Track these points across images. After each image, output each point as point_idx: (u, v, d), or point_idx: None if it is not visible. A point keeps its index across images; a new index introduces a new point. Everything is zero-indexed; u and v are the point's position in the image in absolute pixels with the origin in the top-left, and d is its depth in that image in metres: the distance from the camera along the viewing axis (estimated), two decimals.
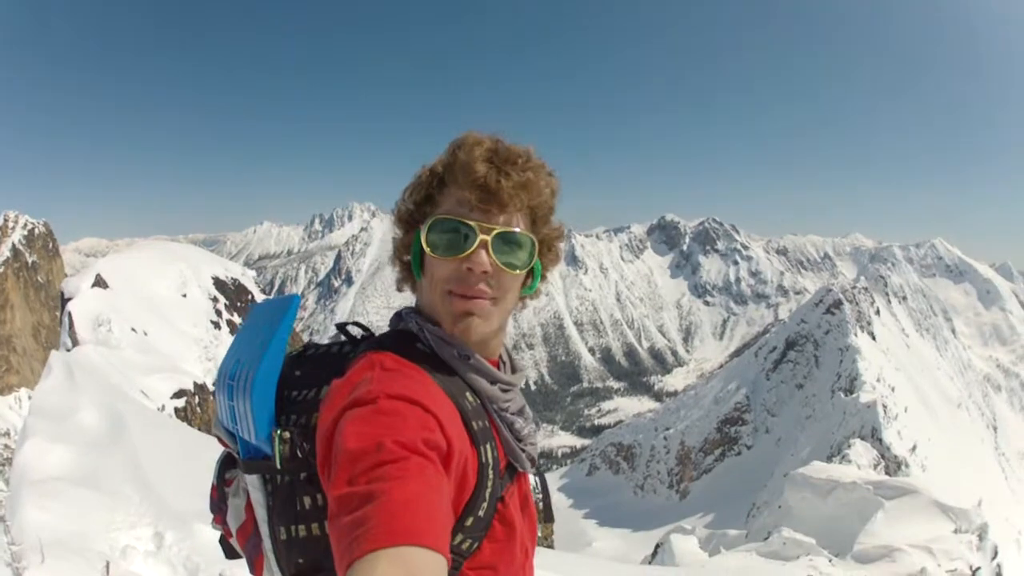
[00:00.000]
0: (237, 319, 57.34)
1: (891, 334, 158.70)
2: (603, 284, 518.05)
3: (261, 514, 2.06)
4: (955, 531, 25.73)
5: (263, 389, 2.05)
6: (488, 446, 1.95)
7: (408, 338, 2.10)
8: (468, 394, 2.01)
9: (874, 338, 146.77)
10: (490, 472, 1.92)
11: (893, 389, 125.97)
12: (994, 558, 25.29)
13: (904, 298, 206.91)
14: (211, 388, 52.97)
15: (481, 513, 1.89)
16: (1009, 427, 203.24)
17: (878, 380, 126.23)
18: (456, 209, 2.05)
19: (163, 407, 35.06)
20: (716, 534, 37.55)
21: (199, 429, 27.97)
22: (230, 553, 2.43)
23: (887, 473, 73.22)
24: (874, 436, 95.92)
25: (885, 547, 23.55)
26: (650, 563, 34.59)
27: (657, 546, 36.28)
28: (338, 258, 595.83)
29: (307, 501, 1.92)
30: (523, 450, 2.13)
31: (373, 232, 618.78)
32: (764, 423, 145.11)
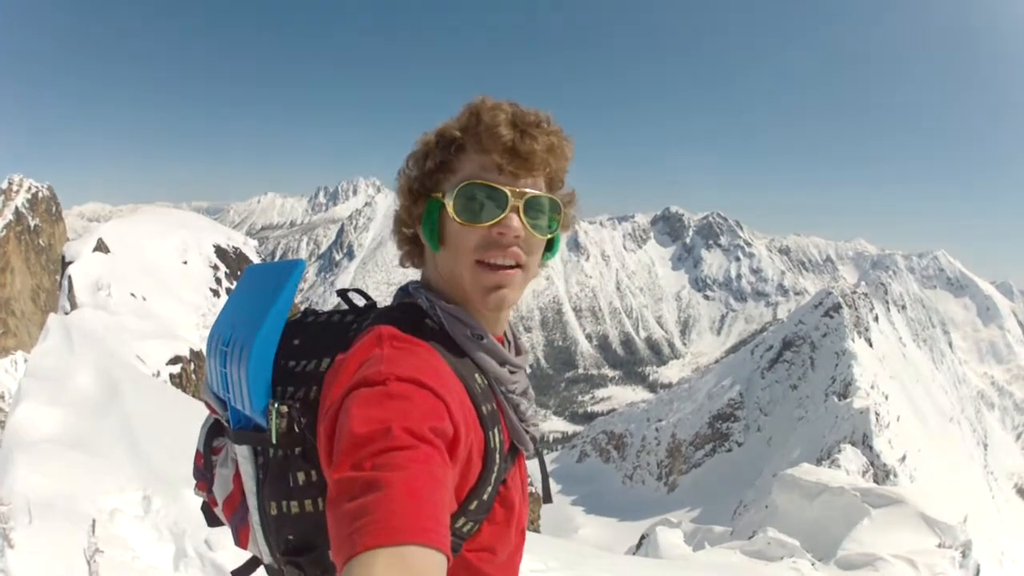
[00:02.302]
0: None
1: (888, 342, 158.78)
2: (604, 272, 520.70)
3: (250, 486, 1.99)
4: (939, 545, 25.68)
5: (260, 359, 1.97)
6: (496, 430, 1.91)
7: (416, 313, 2.03)
8: (477, 375, 1.96)
9: (871, 344, 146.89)
10: (496, 456, 1.88)
11: (887, 397, 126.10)
12: (977, 575, 25.36)
13: (903, 307, 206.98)
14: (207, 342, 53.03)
15: (485, 497, 1.86)
16: (999, 446, 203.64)
17: (872, 387, 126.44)
18: (482, 174, 1.97)
19: (158, 373, 35.12)
20: (701, 529, 37.63)
21: (193, 395, 28.00)
22: (212, 521, 2.38)
23: (875, 481, 73.33)
24: (865, 443, 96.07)
25: (868, 555, 23.53)
26: (634, 553, 34.66)
27: (642, 537, 36.34)
28: (341, 231, 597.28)
29: (300, 477, 1.85)
30: (527, 431, 2.09)
31: (377, 207, 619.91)
32: (756, 421, 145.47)
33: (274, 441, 1.84)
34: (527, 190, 1.98)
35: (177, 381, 37.05)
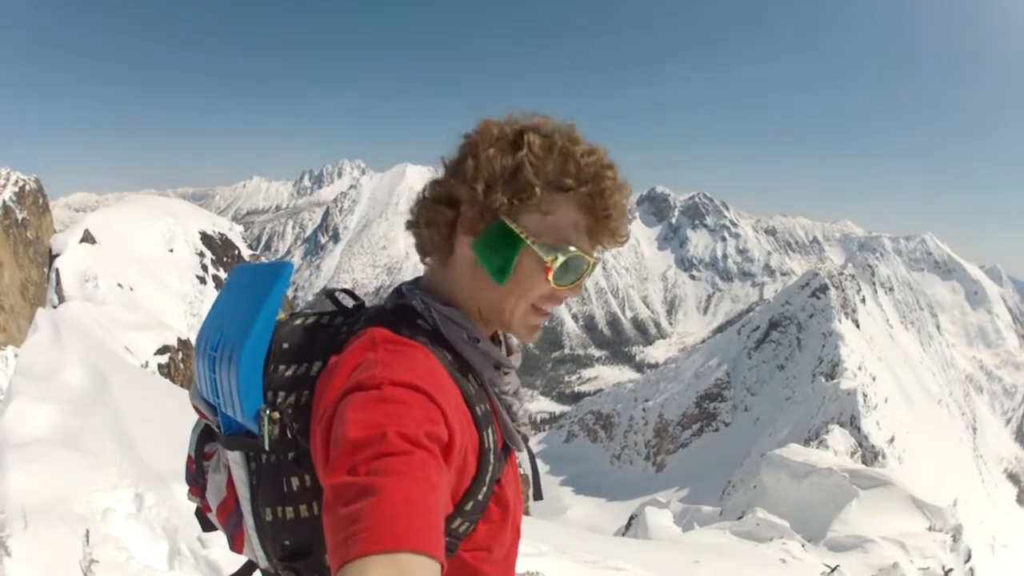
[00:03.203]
0: (223, 274, 57.14)
1: (875, 323, 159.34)
2: None
3: (243, 492, 1.96)
4: (929, 529, 25.80)
5: (250, 365, 1.93)
6: (490, 430, 1.90)
7: (410, 314, 2.00)
8: (470, 376, 1.96)
9: (858, 326, 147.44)
10: (491, 456, 1.88)
11: (874, 378, 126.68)
12: (967, 561, 25.45)
13: (891, 289, 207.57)
14: (194, 344, 52.99)
15: (480, 497, 1.85)
16: (988, 430, 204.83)
17: (860, 368, 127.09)
18: (578, 240, 1.93)
19: (147, 363, 35.18)
20: (690, 509, 37.69)
21: (182, 386, 28.01)
22: (206, 526, 2.34)
23: (864, 462, 73.54)
24: (852, 424, 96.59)
25: (858, 537, 23.63)
26: (624, 534, 34.76)
27: (631, 518, 36.50)
28: (326, 214, 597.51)
29: (295, 482, 1.82)
30: (518, 431, 2.07)
31: (362, 190, 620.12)
32: (743, 401, 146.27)
33: (267, 447, 1.83)
34: (598, 257, 2.00)
35: (165, 371, 37.06)
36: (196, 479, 2.25)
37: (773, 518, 26.09)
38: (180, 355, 40.40)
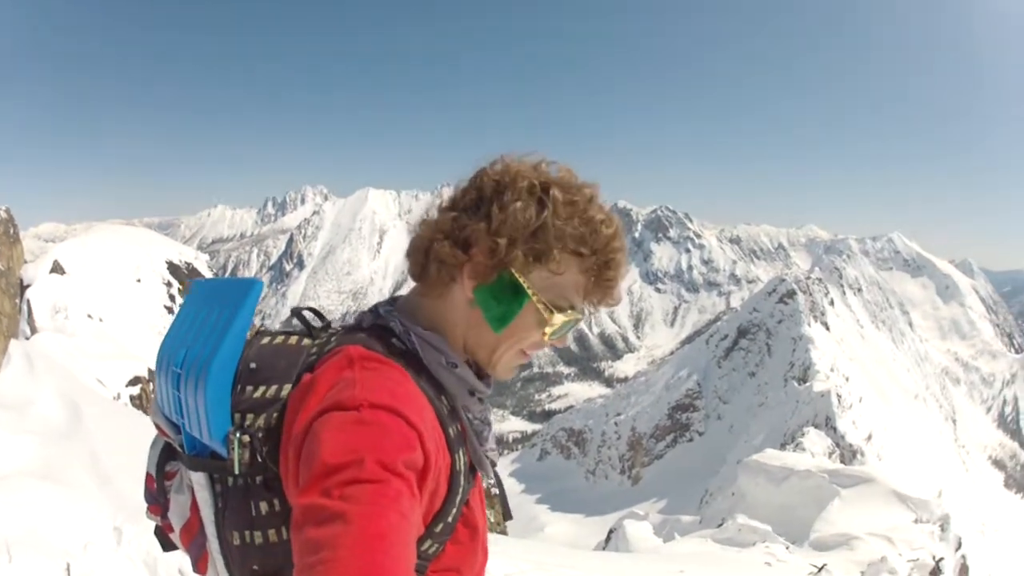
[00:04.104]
0: None
1: (845, 325, 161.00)
2: None
3: (208, 515, 1.90)
4: (915, 521, 25.83)
5: (219, 386, 1.87)
6: (461, 451, 1.89)
7: (385, 334, 1.97)
8: (443, 396, 1.93)
9: (828, 328, 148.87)
10: (461, 478, 1.87)
11: (847, 379, 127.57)
12: (958, 549, 25.49)
13: (859, 290, 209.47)
14: (156, 360, 53.17)
15: (450, 519, 1.84)
16: (969, 420, 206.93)
17: (832, 370, 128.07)
18: (575, 299, 1.96)
19: (119, 395, 35.11)
20: (670, 520, 37.62)
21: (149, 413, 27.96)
22: (167, 545, 2.26)
23: (842, 462, 73.78)
24: (828, 425, 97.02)
25: (843, 535, 23.62)
26: (603, 548, 34.66)
27: (610, 531, 36.40)
28: (290, 241, 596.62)
29: (263, 506, 1.79)
30: (487, 456, 2.05)
31: (325, 216, 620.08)
32: (716, 410, 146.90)
33: (237, 472, 1.78)
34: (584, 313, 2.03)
35: (137, 403, 36.99)
36: (156, 498, 2.17)
37: (754, 523, 26.08)
38: (151, 386, 40.31)
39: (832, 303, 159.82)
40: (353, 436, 1.54)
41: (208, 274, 62.99)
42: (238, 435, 1.78)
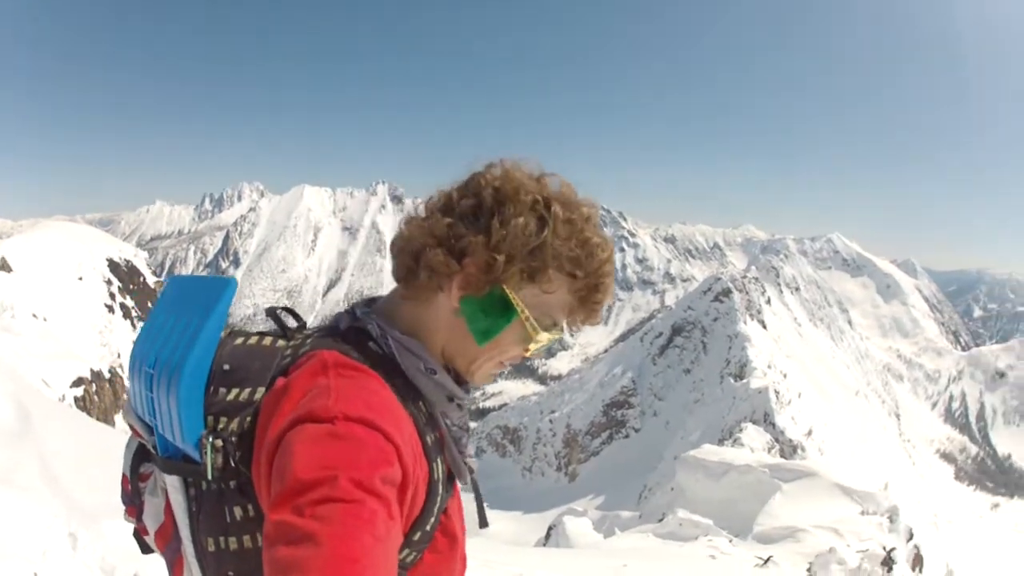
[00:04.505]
0: (130, 302, 57.08)
1: (783, 323, 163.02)
2: None
3: (182, 518, 1.86)
4: (862, 513, 25.69)
5: (191, 389, 1.81)
6: (439, 460, 1.86)
7: (361, 337, 1.93)
8: (421, 403, 1.89)
9: (765, 326, 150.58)
10: (439, 487, 1.84)
11: (785, 375, 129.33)
12: (910, 540, 25.27)
13: (797, 288, 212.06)
14: (106, 375, 53.61)
15: (428, 527, 1.81)
16: (914, 415, 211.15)
17: (769, 366, 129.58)
18: (559, 318, 1.94)
19: (63, 397, 35.01)
20: (609, 516, 37.40)
21: (97, 418, 27.52)
22: (145, 548, 2.14)
23: (782, 457, 74.10)
24: (767, 420, 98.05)
25: (787, 528, 23.38)
26: (544, 545, 34.33)
27: (550, 528, 36.11)
28: (226, 239, 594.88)
29: (238, 512, 1.74)
30: (465, 463, 2.02)
31: (261, 212, 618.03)
32: (651, 407, 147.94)
33: (210, 477, 1.72)
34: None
35: (81, 404, 36.95)
36: (132, 499, 2.10)
37: (696, 517, 25.90)
38: (94, 387, 40.42)
39: (769, 301, 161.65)
40: (327, 451, 1.49)
41: (147, 271, 62.54)
42: (211, 439, 1.73)
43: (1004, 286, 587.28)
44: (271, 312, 2.06)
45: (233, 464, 1.72)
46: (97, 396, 40.45)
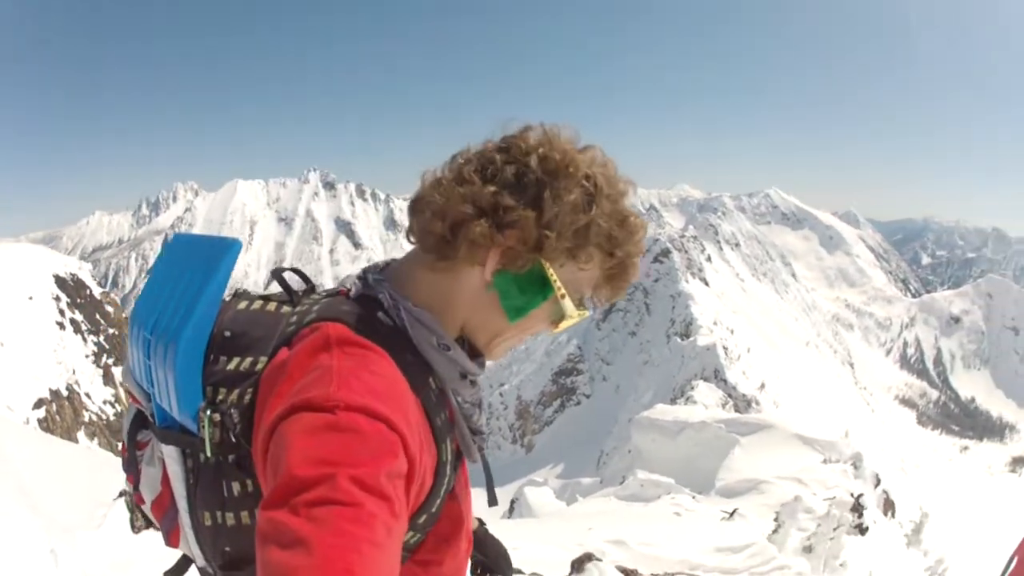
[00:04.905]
0: (80, 316, 56.76)
1: (725, 279, 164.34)
2: None
3: (179, 490, 1.80)
4: (824, 462, 25.85)
5: (190, 357, 1.75)
6: (448, 440, 1.77)
7: (370, 307, 1.80)
8: (431, 379, 1.77)
9: (707, 284, 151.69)
10: (447, 469, 1.76)
11: (732, 331, 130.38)
12: (878, 485, 25.42)
13: (737, 245, 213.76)
14: (64, 394, 53.42)
15: (434, 509, 1.74)
16: (868, 363, 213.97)
17: (715, 323, 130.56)
18: (585, 292, 1.89)
19: (28, 420, 35.17)
20: (570, 484, 37.51)
21: (61, 437, 27.62)
22: (137, 523, 2.10)
23: (737, 411, 74.53)
24: (718, 377, 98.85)
25: (750, 480, 23.48)
26: (508, 518, 34.28)
27: (512, 501, 36.02)
28: (165, 243, 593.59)
29: (235, 487, 1.67)
30: (475, 441, 1.92)
31: (196, 212, 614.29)
32: (600, 372, 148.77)
33: (208, 453, 1.65)
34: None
35: (45, 425, 36.94)
36: (130, 467, 2.03)
37: (656, 477, 25.93)
38: (55, 407, 40.32)
39: (709, 259, 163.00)
40: (326, 444, 1.39)
41: (92, 284, 62.36)
42: (209, 413, 1.66)
43: (952, 233, 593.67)
44: (276, 273, 1.97)
45: (233, 439, 1.65)
46: (59, 415, 40.57)
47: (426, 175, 1.86)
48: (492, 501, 2.19)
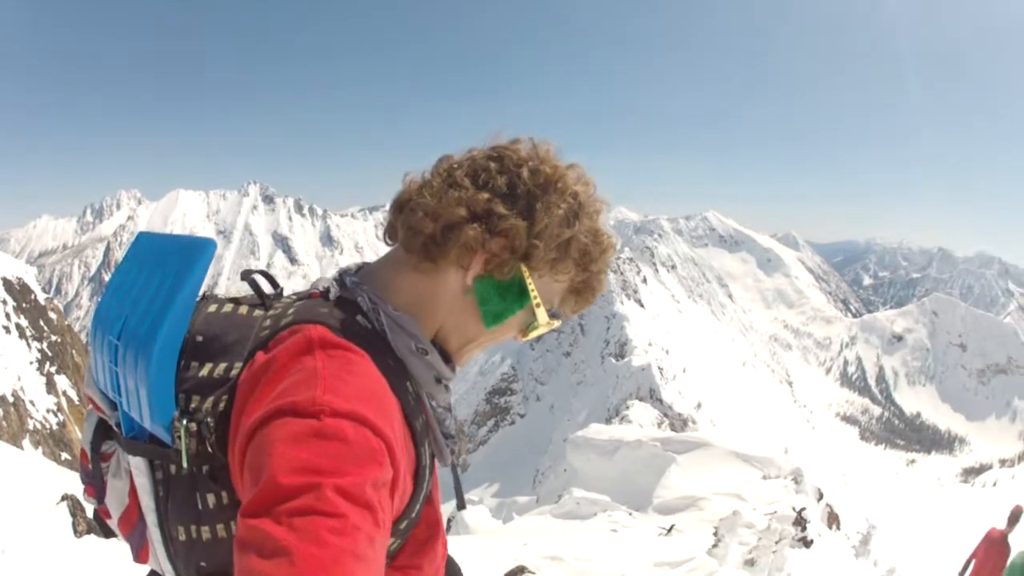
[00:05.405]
0: (24, 322, 56.16)
1: (661, 301, 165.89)
2: None
3: (148, 504, 1.71)
4: (764, 478, 25.86)
5: (163, 365, 1.66)
6: (426, 444, 1.76)
7: (349, 310, 1.78)
8: (408, 383, 1.75)
9: (642, 305, 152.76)
10: (427, 473, 1.75)
11: (667, 352, 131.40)
12: (820, 499, 25.38)
13: (673, 267, 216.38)
14: (10, 399, 53.20)
15: (414, 515, 1.74)
16: (807, 381, 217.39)
17: (650, 344, 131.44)
18: (555, 300, 1.95)
19: None
20: (506, 502, 37.32)
21: (7, 442, 27.48)
22: (108, 532, 2.02)
23: (673, 430, 74.74)
24: (653, 397, 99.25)
25: (688, 497, 23.38)
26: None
27: (449, 520, 35.73)
28: (107, 250, 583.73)
29: (211, 499, 1.61)
30: (448, 446, 1.92)
31: (139, 221, 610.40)
32: (534, 391, 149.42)
33: (184, 464, 1.59)
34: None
35: None
36: (92, 478, 1.93)
37: (593, 495, 25.87)
38: (1, 412, 39.95)
39: (645, 281, 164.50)
40: (311, 452, 1.36)
41: (37, 289, 61.78)
42: (185, 423, 1.59)
43: (896, 254, 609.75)
44: (246, 276, 1.90)
45: (209, 449, 1.59)
46: (4, 422, 40.35)
47: (410, 178, 1.89)
48: (461, 505, 2.15)
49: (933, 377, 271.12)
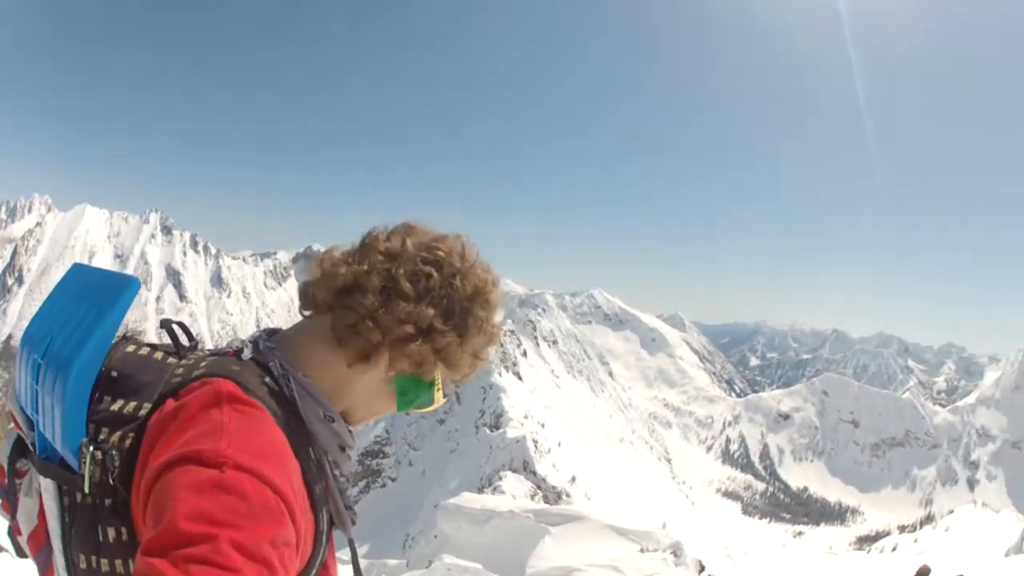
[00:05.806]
0: None
1: (539, 374, 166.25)
2: (244, 309, 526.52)
3: (54, 527, 1.75)
4: (641, 551, 25.91)
5: (79, 389, 1.72)
6: (325, 510, 1.81)
7: (259, 371, 1.84)
8: (311, 449, 1.82)
9: (520, 378, 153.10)
10: (324, 538, 1.79)
11: (543, 425, 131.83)
12: (702, 571, 25.63)
13: (555, 342, 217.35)
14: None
15: None
16: (687, 459, 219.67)
17: (526, 417, 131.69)
18: (447, 382, 2.08)
19: None
20: (376, 564, 37.00)
21: None
22: (20, 551, 2.02)
23: (547, 502, 74.91)
24: (527, 469, 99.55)
25: (562, 568, 23.41)
26: None
27: None
28: (14, 254, 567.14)
29: (111, 533, 1.64)
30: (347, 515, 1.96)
31: (46, 228, 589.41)
32: (407, 456, 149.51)
33: (87, 491, 1.62)
34: None
35: None
36: (7, 494, 2.00)
37: (464, 562, 25.72)
38: None
39: (525, 354, 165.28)
40: (211, 503, 1.40)
41: None
42: (91, 449, 1.63)
43: (786, 336, 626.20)
44: (166, 324, 1.98)
45: (111, 482, 1.62)
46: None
47: (340, 254, 2.05)
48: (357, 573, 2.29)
49: (822, 453, 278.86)
